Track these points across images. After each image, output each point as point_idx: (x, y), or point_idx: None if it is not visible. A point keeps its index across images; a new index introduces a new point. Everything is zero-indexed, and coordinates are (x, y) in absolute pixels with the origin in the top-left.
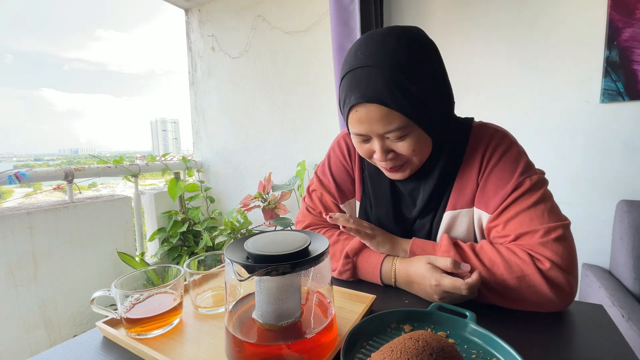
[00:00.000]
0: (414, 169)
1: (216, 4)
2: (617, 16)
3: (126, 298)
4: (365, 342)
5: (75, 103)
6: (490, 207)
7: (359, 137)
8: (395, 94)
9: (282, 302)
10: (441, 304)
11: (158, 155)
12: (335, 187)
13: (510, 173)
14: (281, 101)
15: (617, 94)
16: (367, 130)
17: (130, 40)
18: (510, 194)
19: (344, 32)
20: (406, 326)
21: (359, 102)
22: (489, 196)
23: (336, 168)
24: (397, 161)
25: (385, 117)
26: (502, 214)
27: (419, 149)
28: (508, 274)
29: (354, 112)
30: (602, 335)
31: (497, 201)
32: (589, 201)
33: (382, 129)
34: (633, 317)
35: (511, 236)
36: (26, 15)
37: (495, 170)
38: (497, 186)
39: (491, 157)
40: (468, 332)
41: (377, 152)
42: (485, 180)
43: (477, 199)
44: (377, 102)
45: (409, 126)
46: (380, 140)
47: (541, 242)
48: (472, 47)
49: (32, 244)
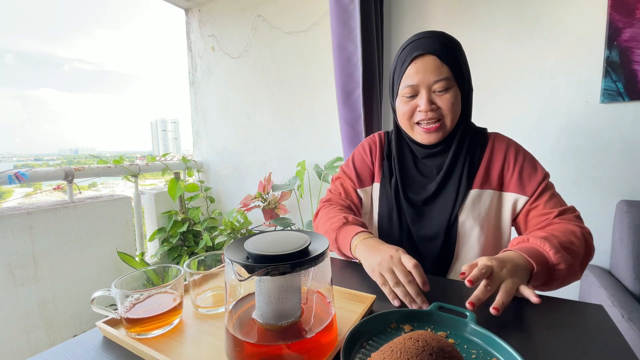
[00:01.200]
0: (445, 132)
1: (216, 3)
2: (617, 16)
3: (126, 298)
4: (365, 342)
5: (75, 103)
6: (528, 191)
7: (410, 89)
8: (446, 53)
9: (282, 302)
10: (442, 304)
11: (158, 155)
12: (356, 175)
13: (535, 167)
14: (281, 101)
15: (617, 94)
16: (421, 79)
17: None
18: (542, 181)
19: (344, 32)
20: (406, 326)
21: (419, 54)
22: (525, 183)
23: (358, 161)
24: (435, 115)
25: (437, 68)
26: (540, 197)
27: (454, 108)
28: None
29: (413, 65)
30: (602, 335)
31: (533, 186)
32: (589, 201)
33: (433, 77)
34: (633, 317)
35: (555, 212)
36: (26, 15)
37: (525, 166)
38: (529, 176)
39: (517, 156)
40: (468, 332)
41: (423, 103)
42: (518, 172)
43: (512, 186)
44: (433, 53)
45: (451, 81)
46: (427, 92)
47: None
48: (472, 47)
49: (32, 244)
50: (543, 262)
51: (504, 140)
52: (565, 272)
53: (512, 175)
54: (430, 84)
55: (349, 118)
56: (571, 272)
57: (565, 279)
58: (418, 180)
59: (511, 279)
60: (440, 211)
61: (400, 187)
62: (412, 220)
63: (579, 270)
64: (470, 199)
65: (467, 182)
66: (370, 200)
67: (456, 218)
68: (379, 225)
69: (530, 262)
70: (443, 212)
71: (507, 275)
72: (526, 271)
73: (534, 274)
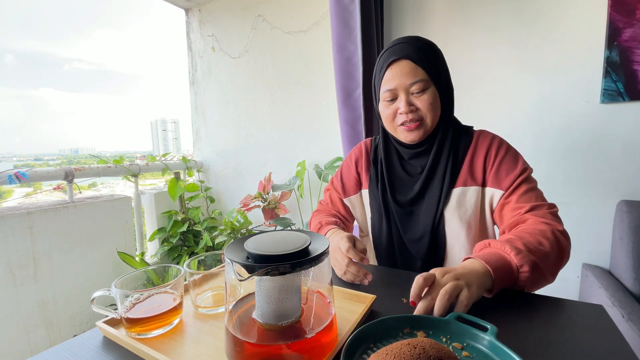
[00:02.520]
0: (427, 130)
1: (216, 3)
2: (617, 16)
3: (126, 298)
4: (373, 343)
5: (75, 103)
6: (503, 185)
7: (389, 93)
8: (419, 56)
9: (282, 302)
10: (461, 314)
11: (158, 155)
12: (341, 186)
13: (515, 162)
14: (281, 101)
15: (617, 94)
16: (398, 83)
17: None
18: (519, 176)
19: (344, 32)
20: (420, 332)
21: (393, 60)
22: (501, 178)
23: (345, 171)
24: (415, 116)
25: (412, 71)
26: (514, 191)
27: (433, 107)
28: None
29: (390, 70)
30: (602, 335)
31: (509, 180)
32: (589, 201)
33: (409, 80)
34: (633, 317)
35: (526, 207)
36: (26, 15)
37: (505, 160)
38: (507, 170)
39: (499, 150)
40: (486, 346)
41: (402, 105)
42: (496, 166)
43: (490, 181)
44: (407, 58)
45: (428, 82)
46: (405, 95)
47: (550, 212)
48: (472, 48)
49: (32, 243)
50: (503, 267)
51: (488, 135)
52: (529, 275)
53: (491, 169)
54: (407, 87)
55: (349, 118)
56: (539, 275)
57: (533, 282)
58: (405, 181)
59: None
60: (426, 211)
61: (388, 189)
62: (401, 221)
63: (549, 273)
64: (455, 197)
65: (450, 180)
66: (362, 206)
67: (441, 217)
68: (372, 229)
69: (486, 268)
70: (429, 211)
71: (449, 280)
72: (485, 277)
73: (494, 279)
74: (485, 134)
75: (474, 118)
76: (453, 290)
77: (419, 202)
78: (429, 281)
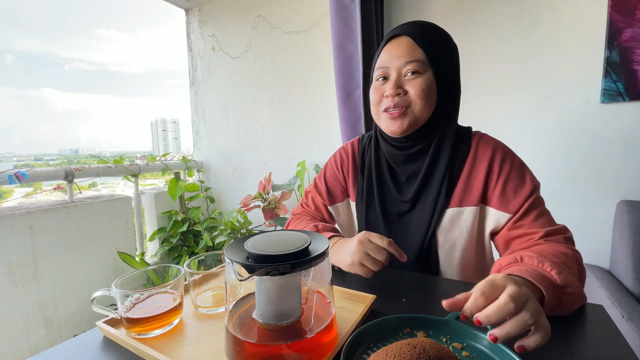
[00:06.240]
0: (412, 122)
1: (216, 3)
2: (617, 16)
3: (126, 298)
4: (373, 343)
5: (75, 103)
6: (511, 209)
7: (381, 71)
8: (422, 35)
9: (282, 302)
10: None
11: (158, 155)
12: (326, 191)
13: (523, 178)
14: (281, 101)
15: (617, 94)
16: (392, 60)
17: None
18: (529, 196)
19: (344, 32)
20: (420, 333)
21: (393, 36)
22: (509, 199)
23: (330, 176)
24: (401, 101)
25: (410, 50)
26: (525, 216)
27: (425, 95)
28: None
29: (387, 47)
30: (602, 335)
31: (518, 203)
32: (589, 201)
33: (405, 58)
34: (633, 317)
35: (540, 232)
36: (26, 15)
37: (511, 177)
38: (515, 190)
39: (503, 164)
40: (486, 346)
41: (390, 87)
42: (502, 185)
43: (495, 202)
44: (408, 35)
45: (426, 66)
46: (397, 75)
47: (565, 237)
48: (472, 48)
49: (32, 243)
50: (548, 286)
51: (489, 143)
52: (572, 296)
53: (495, 188)
54: (400, 66)
55: (349, 118)
56: (578, 295)
57: (573, 303)
58: (394, 193)
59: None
60: (416, 228)
61: (377, 201)
62: (391, 236)
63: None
64: (448, 218)
65: (444, 198)
66: (347, 216)
67: (433, 237)
68: None
69: (537, 287)
70: (418, 232)
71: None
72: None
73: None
74: (485, 140)
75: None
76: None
77: (408, 218)
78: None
